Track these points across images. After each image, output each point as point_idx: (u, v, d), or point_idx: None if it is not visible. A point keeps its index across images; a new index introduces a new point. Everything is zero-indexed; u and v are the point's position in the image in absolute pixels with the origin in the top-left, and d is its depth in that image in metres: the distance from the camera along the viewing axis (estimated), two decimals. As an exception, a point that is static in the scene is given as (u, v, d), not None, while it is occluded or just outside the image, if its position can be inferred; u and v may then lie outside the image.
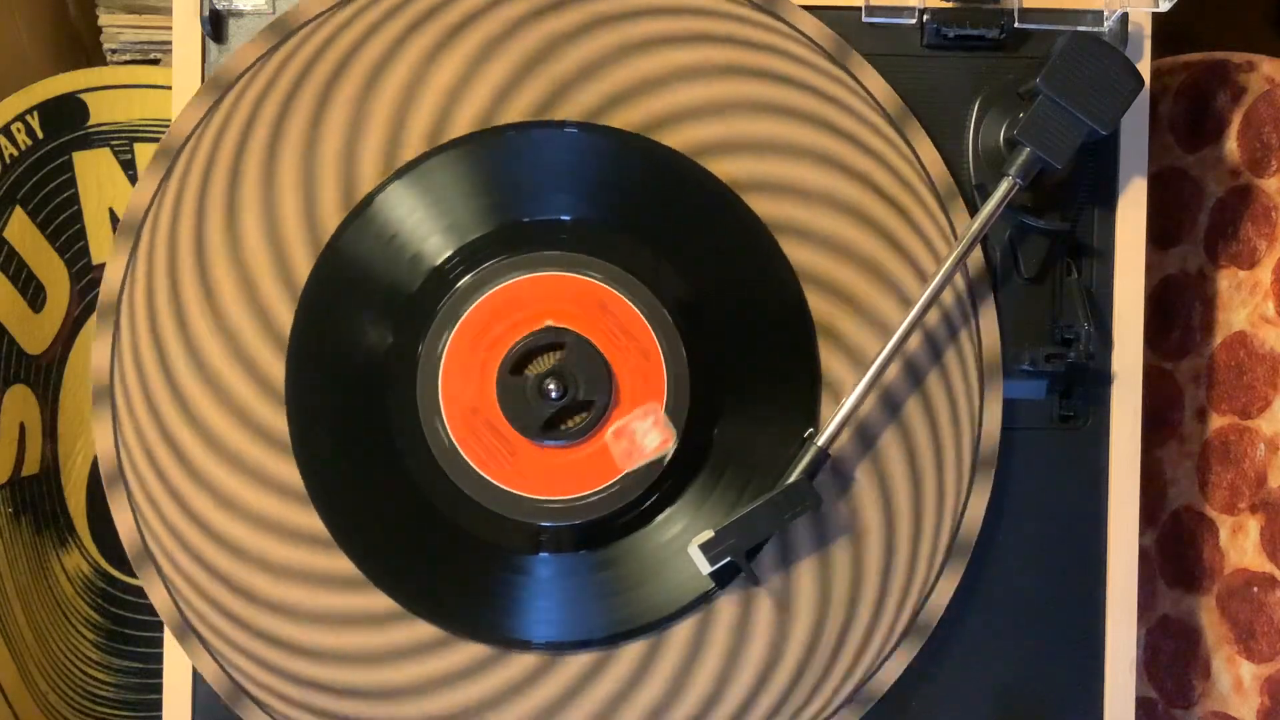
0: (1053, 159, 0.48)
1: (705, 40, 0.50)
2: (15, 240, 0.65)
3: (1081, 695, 0.54)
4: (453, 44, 0.50)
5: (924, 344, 0.51)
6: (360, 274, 0.49)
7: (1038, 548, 0.54)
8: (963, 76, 0.53)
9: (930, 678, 0.53)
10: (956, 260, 0.48)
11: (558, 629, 0.50)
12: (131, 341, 0.50)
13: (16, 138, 0.65)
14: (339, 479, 0.49)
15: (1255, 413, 0.60)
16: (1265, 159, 0.59)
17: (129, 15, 0.69)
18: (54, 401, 0.67)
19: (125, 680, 0.68)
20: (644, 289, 0.48)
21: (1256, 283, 0.60)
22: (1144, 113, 0.54)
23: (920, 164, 0.51)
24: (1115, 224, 0.54)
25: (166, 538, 0.50)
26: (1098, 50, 0.48)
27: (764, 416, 0.50)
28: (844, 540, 0.50)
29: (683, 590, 0.49)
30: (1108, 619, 0.54)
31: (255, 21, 0.52)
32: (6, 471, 0.64)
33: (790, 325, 0.50)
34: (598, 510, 0.48)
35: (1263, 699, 0.59)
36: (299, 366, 0.49)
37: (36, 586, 0.65)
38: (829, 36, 0.51)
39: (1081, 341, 0.51)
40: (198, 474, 0.49)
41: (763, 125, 0.50)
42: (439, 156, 0.49)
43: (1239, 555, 0.60)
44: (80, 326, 0.68)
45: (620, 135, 0.50)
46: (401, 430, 0.49)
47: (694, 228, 0.50)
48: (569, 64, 0.50)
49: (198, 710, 0.52)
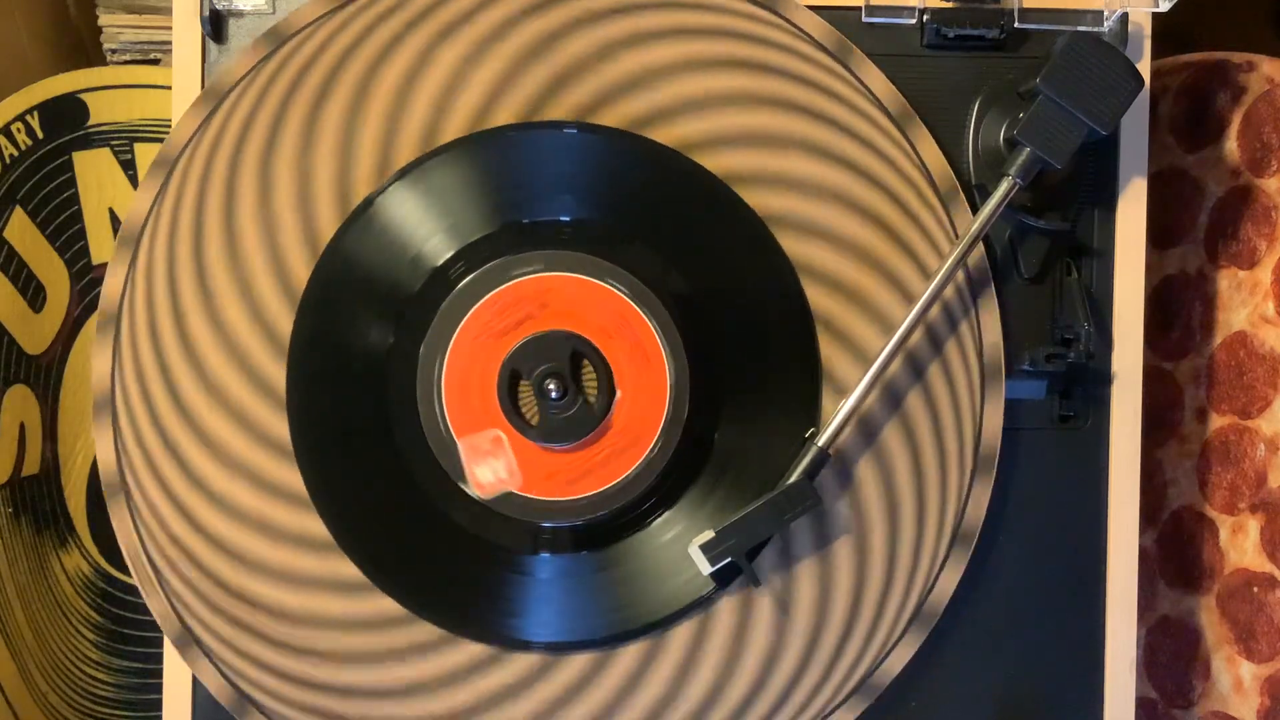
0: (1053, 159, 0.48)
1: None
2: (15, 240, 0.65)
3: (1081, 695, 0.54)
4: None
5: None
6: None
7: (1038, 548, 0.54)
8: (963, 76, 0.53)
9: (930, 677, 0.53)
10: (957, 260, 0.48)
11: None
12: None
13: (16, 138, 0.65)
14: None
15: (1255, 413, 0.60)
16: (1265, 159, 0.59)
17: (129, 15, 0.69)
18: (54, 401, 0.67)
19: (125, 680, 0.68)
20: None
21: (1256, 283, 0.60)
22: (1144, 113, 0.54)
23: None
24: (1115, 224, 0.54)
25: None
26: (1098, 50, 0.48)
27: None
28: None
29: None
30: (1108, 619, 0.54)
31: (255, 21, 0.52)
32: (6, 471, 0.64)
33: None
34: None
35: (1263, 699, 0.59)
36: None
37: (36, 586, 0.65)
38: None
39: (1081, 341, 0.51)
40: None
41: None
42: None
43: (1239, 555, 0.60)
44: (80, 326, 0.68)
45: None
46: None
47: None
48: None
49: (198, 711, 0.52)
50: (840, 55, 0.51)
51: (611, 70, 0.50)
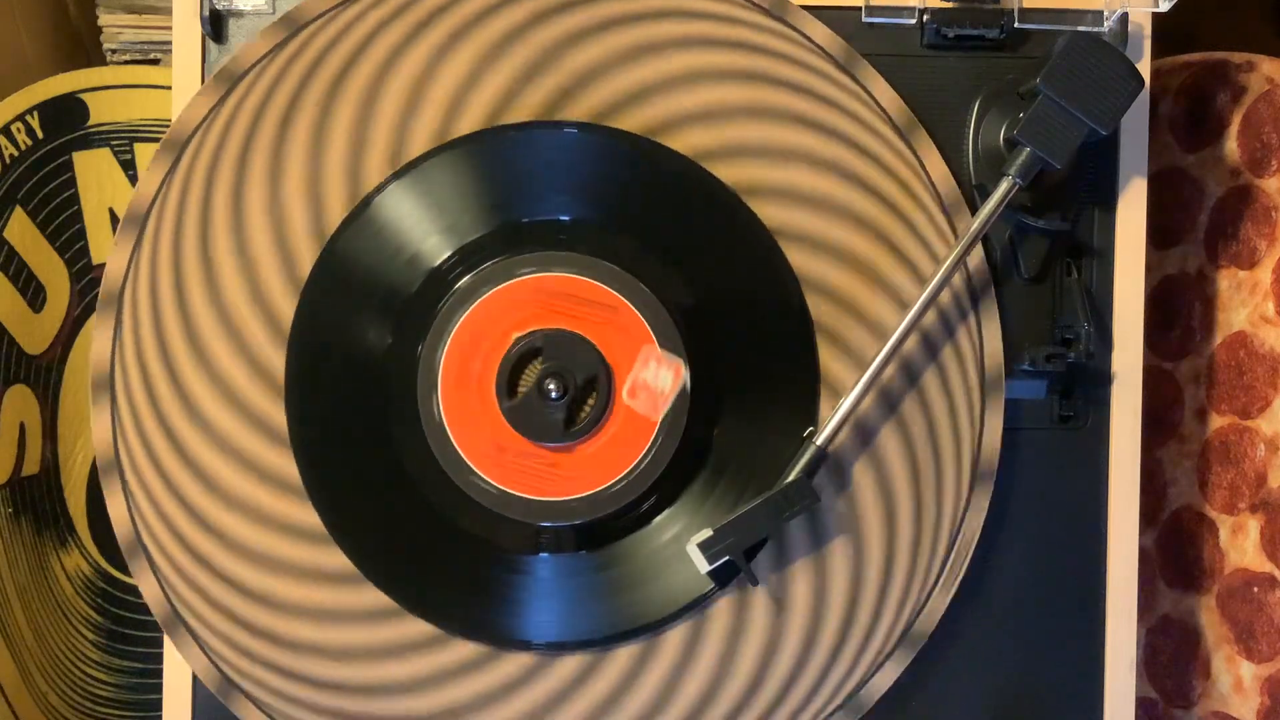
0: (1053, 159, 0.48)
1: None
2: (15, 240, 0.65)
3: (1081, 695, 0.54)
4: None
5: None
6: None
7: (1038, 548, 0.54)
8: (963, 76, 0.53)
9: (930, 677, 0.53)
10: (956, 260, 0.48)
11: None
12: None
13: (16, 138, 0.65)
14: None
15: (1255, 413, 0.60)
16: (1265, 159, 0.59)
17: (129, 15, 0.69)
18: (54, 401, 0.67)
19: (125, 680, 0.68)
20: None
21: (1256, 283, 0.60)
22: (1144, 113, 0.54)
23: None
24: (1115, 224, 0.54)
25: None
26: (1098, 50, 0.48)
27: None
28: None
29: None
30: (1108, 619, 0.54)
31: (255, 21, 0.52)
32: (6, 471, 0.64)
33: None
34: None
35: (1263, 699, 0.59)
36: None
37: (36, 586, 0.65)
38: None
39: (1081, 341, 0.51)
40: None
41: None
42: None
43: (1239, 555, 0.60)
44: (80, 326, 0.68)
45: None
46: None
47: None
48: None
49: (198, 711, 0.52)
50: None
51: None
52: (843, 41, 0.52)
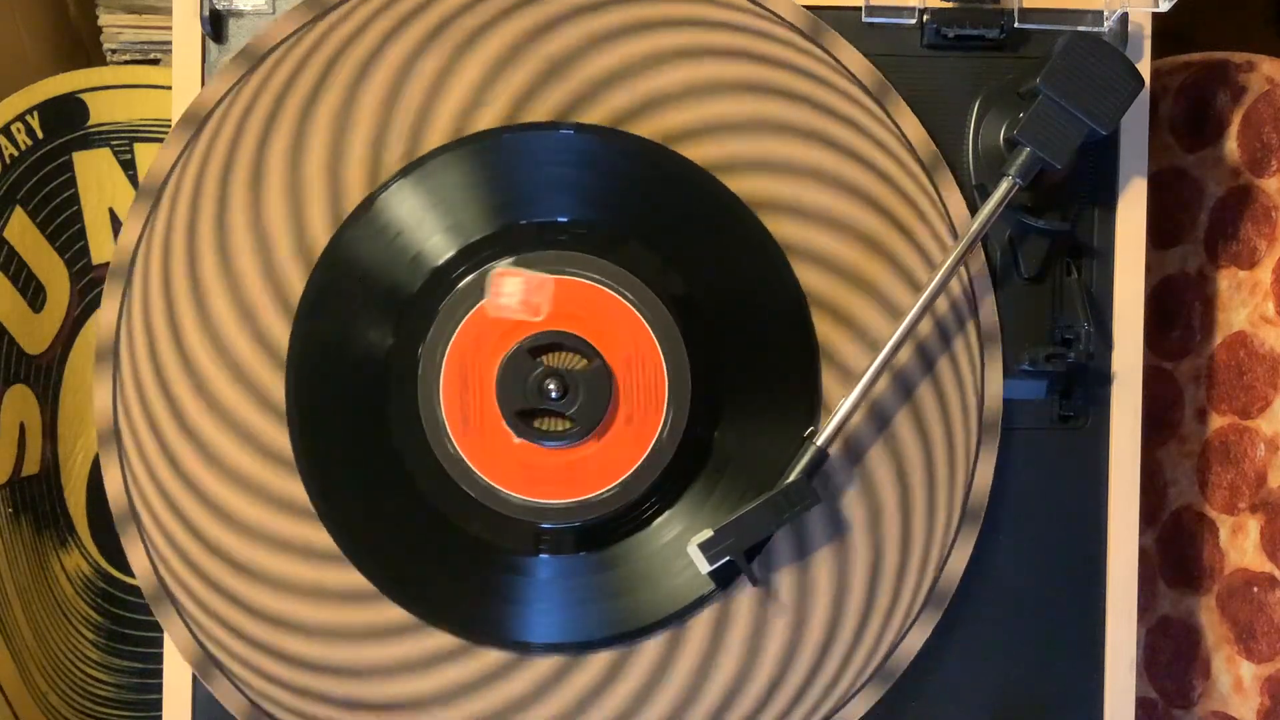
0: (1053, 159, 0.48)
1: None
2: (15, 240, 0.65)
3: (1081, 695, 0.54)
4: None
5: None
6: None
7: (1038, 548, 0.54)
8: (963, 76, 0.53)
9: (929, 678, 0.53)
10: (956, 260, 0.48)
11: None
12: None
13: (16, 138, 0.65)
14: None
15: (1255, 413, 0.60)
16: (1265, 159, 0.59)
17: (129, 15, 0.69)
18: (54, 401, 0.67)
19: (125, 680, 0.68)
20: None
21: (1256, 283, 0.60)
22: (1144, 113, 0.54)
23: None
24: (1115, 224, 0.54)
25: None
26: (1098, 50, 0.48)
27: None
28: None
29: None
30: (1108, 619, 0.54)
31: (255, 21, 0.52)
32: (6, 471, 0.64)
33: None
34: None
35: (1263, 699, 0.59)
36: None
37: (36, 586, 0.65)
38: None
39: (1081, 341, 0.51)
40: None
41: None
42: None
43: (1239, 555, 0.60)
44: (80, 326, 0.68)
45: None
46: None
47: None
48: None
49: (198, 711, 0.52)
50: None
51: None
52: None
